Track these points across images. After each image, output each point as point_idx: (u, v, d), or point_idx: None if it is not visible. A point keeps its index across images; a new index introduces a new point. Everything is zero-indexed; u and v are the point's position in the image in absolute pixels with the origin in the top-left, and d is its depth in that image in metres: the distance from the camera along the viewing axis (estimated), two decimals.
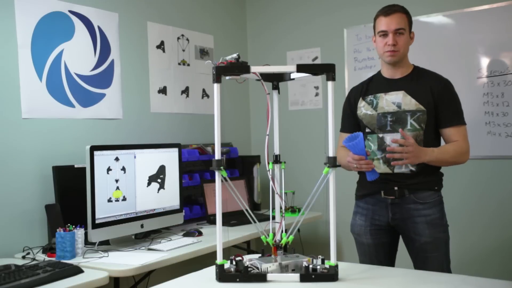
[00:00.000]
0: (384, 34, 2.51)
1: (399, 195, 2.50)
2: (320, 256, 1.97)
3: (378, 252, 2.61)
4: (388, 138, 2.52)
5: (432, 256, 2.48)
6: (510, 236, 3.63)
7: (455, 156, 2.47)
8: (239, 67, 1.96)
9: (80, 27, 3.22)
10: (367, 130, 2.62)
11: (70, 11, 3.16)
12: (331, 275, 1.91)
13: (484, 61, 3.71)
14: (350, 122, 2.74)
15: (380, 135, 2.55)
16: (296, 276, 1.91)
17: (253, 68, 1.97)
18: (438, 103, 2.49)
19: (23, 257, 2.63)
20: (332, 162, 1.94)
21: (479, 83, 3.72)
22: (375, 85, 2.66)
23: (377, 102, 2.58)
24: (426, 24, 3.93)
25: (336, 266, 1.92)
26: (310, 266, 1.93)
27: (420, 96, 2.49)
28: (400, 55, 2.52)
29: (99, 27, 3.34)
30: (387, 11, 2.52)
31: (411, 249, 2.58)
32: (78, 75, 3.20)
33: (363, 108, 2.64)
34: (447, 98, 2.51)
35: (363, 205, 2.68)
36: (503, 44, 3.66)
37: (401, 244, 2.69)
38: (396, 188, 2.48)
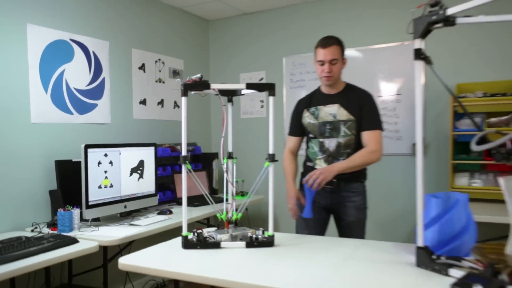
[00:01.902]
0: (322, 63, 2.43)
1: (336, 186, 2.47)
2: (261, 228, 2.03)
3: (315, 225, 2.55)
4: (327, 142, 2.50)
5: (354, 231, 2.49)
6: (394, 212, 3.91)
7: (363, 159, 2.39)
8: (202, 84, 1.96)
9: (78, 52, 3.24)
10: (310, 135, 2.58)
11: (71, 39, 3.18)
12: (269, 242, 1.96)
13: (382, 85, 3.90)
14: (297, 128, 2.65)
15: (321, 140, 2.52)
16: (243, 243, 1.95)
17: (213, 85, 1.99)
18: (363, 112, 2.45)
19: (32, 231, 2.67)
20: (272, 158, 1.99)
21: (379, 101, 3.78)
22: (316, 99, 2.58)
23: (318, 113, 2.52)
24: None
25: (273, 235, 1.98)
26: (254, 236, 1.98)
27: (351, 108, 2.45)
28: (334, 79, 2.46)
29: (93, 52, 3.36)
30: (325, 44, 2.43)
31: (340, 226, 2.58)
32: (76, 89, 3.21)
33: (307, 118, 2.57)
34: (368, 107, 2.46)
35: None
36: (395, 73, 3.86)
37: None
38: (335, 180, 2.38)
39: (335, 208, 2.57)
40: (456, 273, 1.48)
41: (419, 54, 1.61)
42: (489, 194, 3.21)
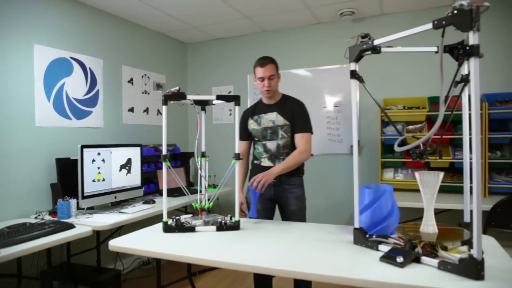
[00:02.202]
0: (262, 79, 2.36)
1: (279, 180, 2.40)
2: (229, 215, 2.03)
3: (264, 214, 2.48)
4: (269, 144, 2.44)
5: (296, 218, 2.42)
6: (336, 200, 3.98)
7: (295, 159, 2.31)
8: (179, 95, 1.95)
9: (77, 68, 3.17)
10: (256, 139, 2.52)
11: (71, 57, 3.11)
12: (236, 226, 1.97)
13: (327, 98, 3.94)
14: (245, 133, 2.55)
15: (264, 142, 2.47)
16: (214, 227, 1.95)
17: (188, 96, 1.99)
18: (295, 117, 2.40)
19: (35, 218, 2.61)
20: (237, 157, 2.00)
21: (324, 111, 3.94)
22: (259, 108, 2.51)
23: (260, 120, 2.46)
24: (294, 74, 4.09)
25: (239, 220, 1.99)
26: (223, 221, 1.97)
27: (286, 115, 2.39)
28: (273, 92, 2.40)
29: (89, 68, 3.29)
30: (262, 63, 2.36)
31: (283, 214, 2.51)
32: (74, 99, 3.13)
33: (252, 125, 2.50)
34: (299, 114, 2.41)
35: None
36: (336, 89, 3.90)
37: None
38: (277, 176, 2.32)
39: (278, 199, 2.49)
40: (384, 248, 1.51)
41: (354, 75, 1.64)
42: (408, 185, 3.31)
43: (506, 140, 3.07)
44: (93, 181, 2.78)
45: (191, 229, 1.94)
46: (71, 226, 2.28)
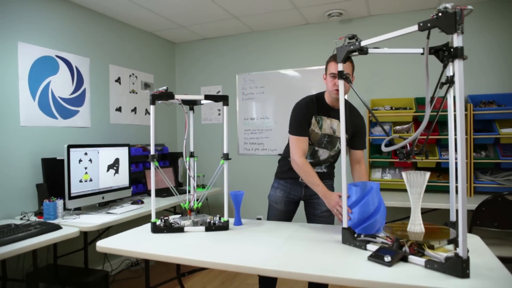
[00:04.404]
0: (334, 76, 2.09)
1: None
2: (218, 215, 2.02)
3: (285, 216, 2.36)
4: (321, 151, 2.25)
5: (326, 221, 2.28)
6: None
7: (366, 175, 2.23)
8: (167, 95, 1.93)
9: (63, 66, 3.12)
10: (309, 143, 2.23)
11: (57, 56, 3.07)
12: (225, 226, 1.96)
13: None
14: (306, 130, 2.18)
15: (316, 148, 2.24)
16: (203, 228, 1.94)
17: (176, 96, 1.97)
18: (356, 132, 2.24)
19: (21, 219, 2.58)
20: (226, 157, 1.97)
21: None
22: (322, 107, 2.22)
23: (322, 124, 2.20)
24: (283, 74, 4.10)
25: (228, 221, 1.99)
26: (212, 221, 1.96)
27: (348, 127, 2.16)
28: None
29: (76, 67, 3.25)
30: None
31: (312, 216, 2.34)
32: (60, 98, 3.09)
33: (313, 125, 2.20)
34: (362, 128, 2.28)
35: (283, 183, 2.36)
36: (324, 89, 3.98)
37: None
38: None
39: (309, 201, 2.34)
40: (372, 247, 1.53)
41: (341, 75, 1.66)
42: (396, 185, 3.35)
43: (490, 140, 3.13)
44: (80, 181, 2.76)
45: (180, 229, 1.93)
46: (57, 227, 2.25)
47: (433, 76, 1.35)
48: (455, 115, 1.33)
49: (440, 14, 1.28)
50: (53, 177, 2.78)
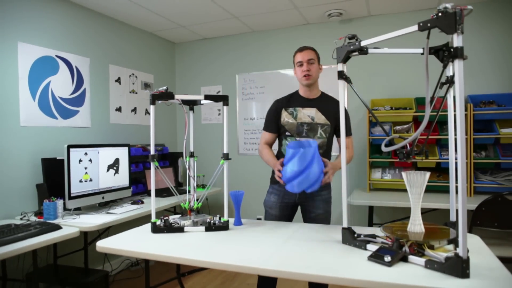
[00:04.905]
0: (301, 63, 2.25)
1: None
2: (218, 215, 2.02)
3: (282, 220, 2.33)
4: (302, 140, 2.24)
5: (321, 223, 2.23)
6: None
7: (349, 161, 2.25)
8: (167, 95, 1.93)
9: (63, 66, 3.12)
10: (287, 133, 2.31)
11: (57, 56, 3.07)
12: (225, 226, 1.96)
13: None
14: (273, 125, 2.34)
15: (297, 139, 2.27)
16: (203, 228, 1.94)
17: (176, 96, 1.96)
18: (338, 119, 2.23)
19: (21, 219, 2.57)
20: (226, 157, 1.97)
21: None
22: (295, 100, 2.33)
23: (297, 114, 2.28)
24: (283, 74, 4.09)
25: (228, 221, 1.98)
26: (212, 221, 1.96)
27: (327, 114, 2.27)
28: (313, 79, 2.25)
29: (76, 67, 3.25)
30: (302, 48, 2.28)
31: (308, 219, 2.33)
32: (60, 98, 3.09)
33: (286, 117, 2.30)
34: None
35: (277, 187, 2.34)
36: (325, 90, 3.91)
37: None
38: None
39: (304, 203, 2.33)
40: (372, 247, 1.53)
41: (341, 75, 1.66)
42: (396, 185, 3.35)
43: (490, 140, 3.13)
44: (80, 181, 2.76)
45: (180, 229, 1.93)
46: (57, 227, 2.25)
47: (433, 76, 1.35)
48: (455, 115, 1.33)
49: (440, 14, 1.28)
50: (53, 177, 2.78)
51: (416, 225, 1.52)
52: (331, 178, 2.06)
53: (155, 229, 1.92)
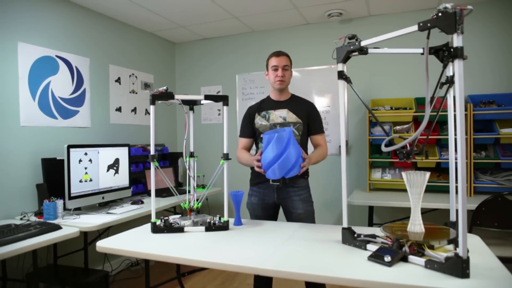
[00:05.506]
0: (276, 68, 2.33)
1: (282, 182, 2.26)
2: (218, 215, 2.02)
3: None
4: None
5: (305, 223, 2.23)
6: (324, 200, 4.00)
7: (323, 156, 2.32)
8: (167, 95, 1.93)
9: (63, 66, 3.12)
10: (262, 136, 2.27)
11: (57, 56, 3.07)
12: (225, 226, 1.96)
13: (315, 98, 3.96)
14: (248, 130, 2.44)
15: None
16: (203, 228, 1.94)
17: (176, 96, 1.96)
18: (309, 118, 2.36)
19: (21, 219, 2.57)
20: (226, 157, 1.98)
21: None
22: (266, 104, 2.41)
23: (269, 116, 2.35)
24: None
25: (228, 221, 1.98)
26: (212, 221, 1.96)
27: (298, 113, 2.33)
28: (285, 84, 2.37)
29: (76, 67, 3.25)
30: (278, 53, 2.36)
31: (289, 219, 2.34)
32: (60, 98, 3.09)
33: (259, 120, 2.38)
34: (315, 114, 2.39)
35: (256, 189, 2.38)
36: (325, 89, 3.93)
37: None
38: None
39: (283, 203, 2.34)
40: (372, 248, 1.53)
41: (341, 75, 1.65)
42: (396, 185, 3.35)
43: (490, 140, 3.13)
44: (80, 181, 2.76)
45: (180, 229, 1.93)
46: (57, 227, 2.25)
47: (433, 76, 1.35)
48: (455, 115, 1.33)
49: (440, 14, 1.28)
50: (53, 177, 2.78)
51: (416, 225, 1.52)
52: (307, 165, 2.14)
53: (155, 229, 1.92)
